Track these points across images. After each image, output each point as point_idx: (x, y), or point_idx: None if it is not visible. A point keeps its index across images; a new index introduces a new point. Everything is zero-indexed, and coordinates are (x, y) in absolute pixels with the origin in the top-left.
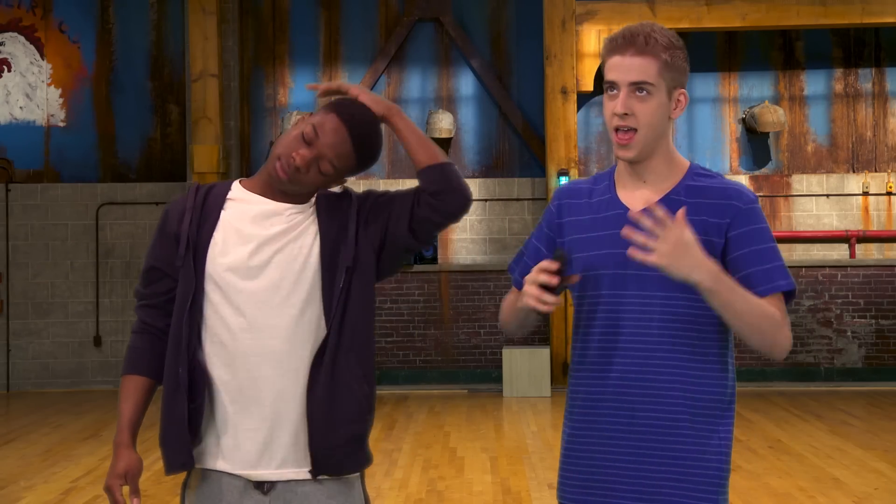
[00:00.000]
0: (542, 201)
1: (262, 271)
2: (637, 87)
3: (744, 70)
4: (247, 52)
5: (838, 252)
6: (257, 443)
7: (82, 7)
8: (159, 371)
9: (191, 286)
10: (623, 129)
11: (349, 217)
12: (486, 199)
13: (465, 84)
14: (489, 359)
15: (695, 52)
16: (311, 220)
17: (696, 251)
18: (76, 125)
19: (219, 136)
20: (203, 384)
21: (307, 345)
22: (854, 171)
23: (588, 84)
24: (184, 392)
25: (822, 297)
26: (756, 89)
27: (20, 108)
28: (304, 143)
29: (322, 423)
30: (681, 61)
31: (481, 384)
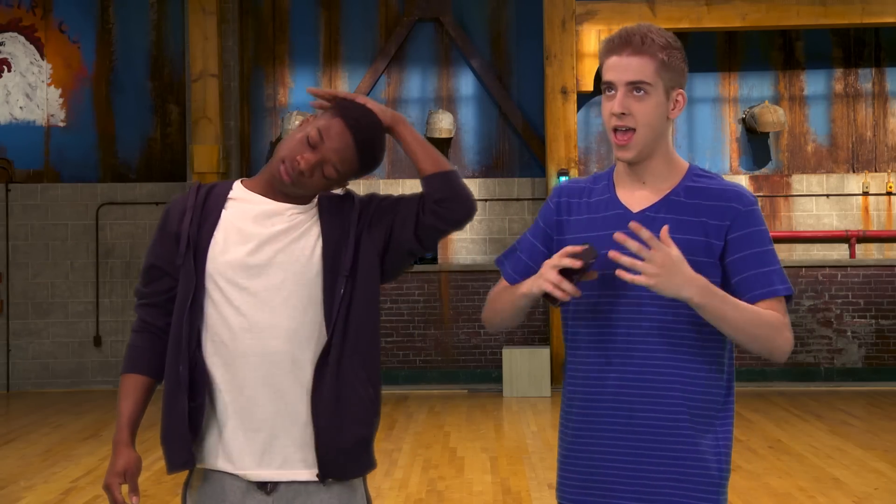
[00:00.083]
0: (541, 201)
1: (264, 271)
2: (634, 86)
3: (744, 70)
4: (247, 52)
5: (838, 252)
6: (258, 443)
7: (82, 7)
8: (159, 370)
9: (191, 285)
10: (621, 129)
11: (351, 220)
12: (486, 199)
13: (465, 84)
14: (489, 359)
15: (695, 52)
16: (314, 221)
17: (683, 268)
18: (76, 125)
19: (219, 136)
20: (204, 383)
21: (310, 345)
22: (854, 171)
23: (588, 84)
24: (184, 391)
25: (822, 297)
26: (756, 89)
27: (20, 108)
28: (308, 146)
29: (328, 425)
30: (678, 61)
31: (481, 384)
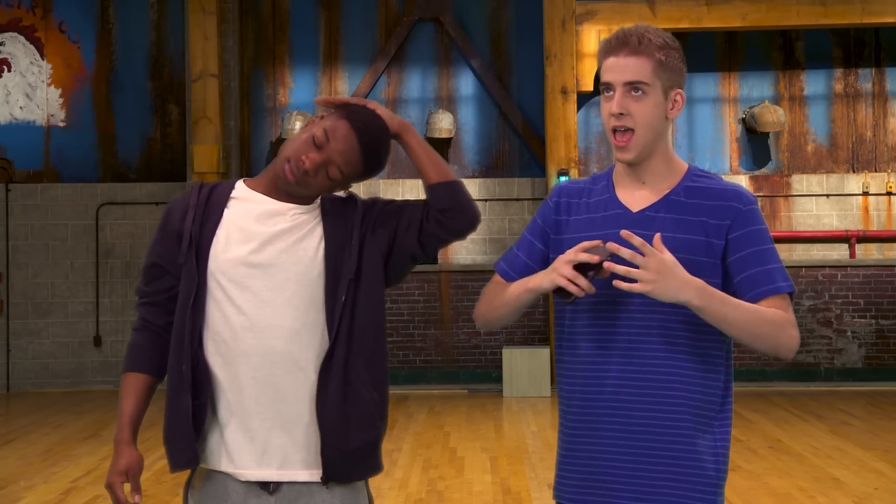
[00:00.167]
0: (541, 201)
1: (267, 270)
2: (632, 86)
3: (744, 70)
4: (247, 52)
5: (838, 252)
6: (258, 443)
7: (82, 7)
8: (160, 369)
9: (193, 283)
10: (620, 129)
11: (354, 223)
12: (486, 199)
13: (465, 84)
14: (489, 359)
15: (695, 52)
16: (317, 222)
17: (679, 272)
18: (76, 125)
19: (219, 136)
20: (207, 381)
21: (312, 346)
22: (854, 171)
23: (588, 84)
24: (188, 389)
25: (822, 297)
26: (756, 89)
27: (20, 108)
28: (314, 146)
29: (334, 429)
30: (676, 61)
31: (481, 384)
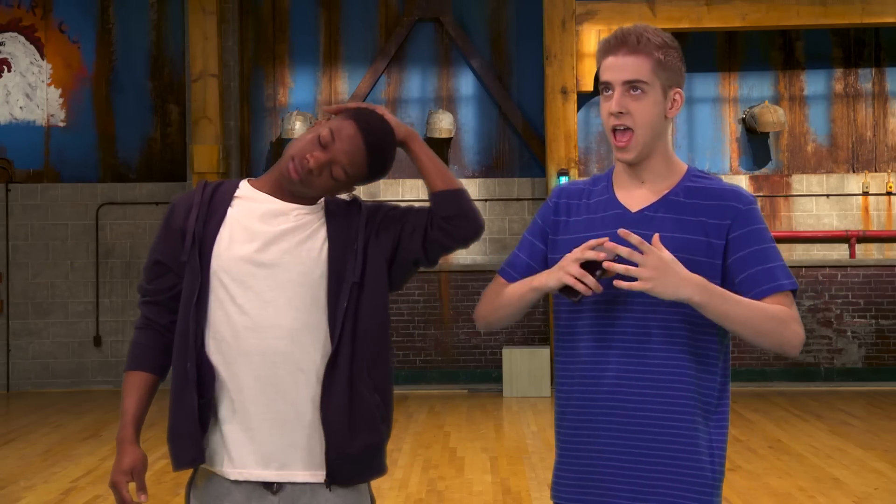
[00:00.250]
0: (541, 201)
1: (270, 270)
2: (631, 85)
3: (744, 70)
4: (247, 52)
5: (838, 252)
6: (259, 442)
7: (82, 7)
8: (163, 367)
9: (196, 282)
10: (619, 128)
11: (359, 227)
12: (486, 199)
13: (465, 84)
14: (489, 359)
15: (695, 52)
16: (321, 224)
17: (678, 269)
18: (76, 125)
19: (219, 136)
20: (211, 380)
21: (314, 348)
22: (854, 171)
23: (588, 84)
24: (193, 387)
25: (822, 297)
26: (756, 89)
27: (20, 108)
28: (319, 146)
29: (338, 432)
30: (675, 61)
31: (481, 384)
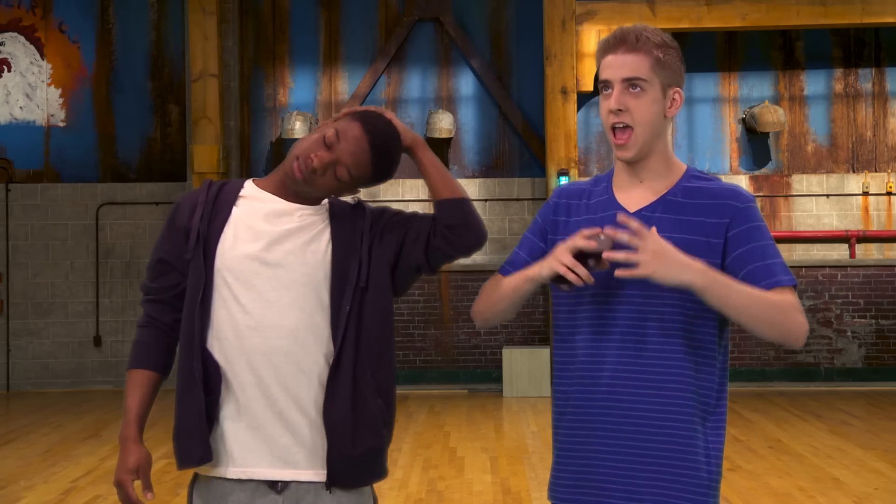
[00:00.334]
0: (541, 201)
1: (274, 270)
2: (630, 83)
3: (744, 70)
4: (247, 52)
5: (838, 252)
6: (261, 441)
7: (82, 7)
8: (166, 366)
9: (201, 280)
10: (619, 125)
11: (363, 229)
12: (486, 199)
13: (465, 84)
14: (489, 359)
15: (695, 52)
16: (325, 225)
17: (678, 255)
18: (76, 125)
19: (219, 136)
20: (217, 378)
21: (317, 348)
22: (854, 171)
23: (588, 84)
24: (199, 385)
25: (822, 297)
26: (756, 89)
27: (20, 108)
28: (324, 145)
29: (340, 435)
30: (674, 60)
31: (481, 384)
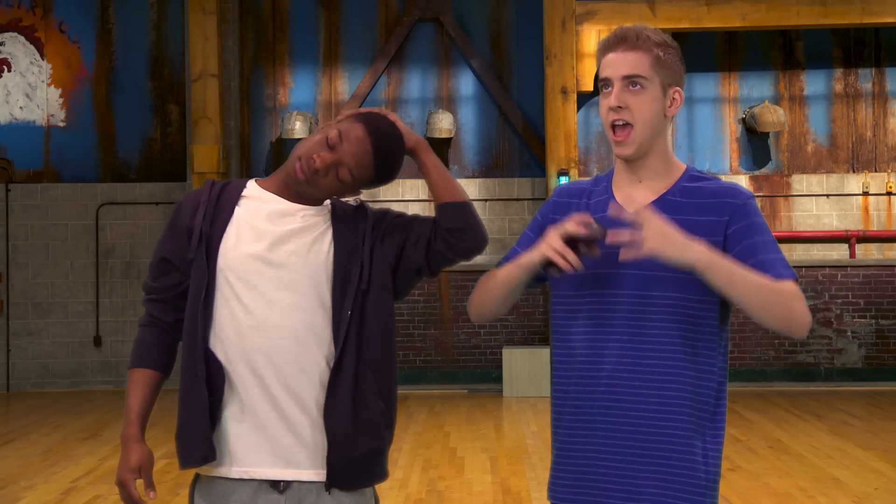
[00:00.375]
0: (541, 201)
1: (276, 271)
2: (630, 80)
3: (744, 70)
4: (247, 52)
5: (838, 252)
6: (263, 441)
7: (82, 7)
8: (167, 365)
9: (204, 280)
10: (619, 123)
11: (365, 231)
12: (486, 199)
13: (465, 84)
14: (489, 359)
15: (695, 52)
16: (327, 226)
17: (679, 234)
18: (76, 125)
19: (219, 136)
20: (221, 378)
21: (318, 349)
22: (854, 171)
23: (588, 84)
24: (203, 384)
25: (822, 297)
26: (756, 89)
27: (20, 108)
28: (326, 146)
29: (341, 436)
30: (674, 59)
31: (481, 384)
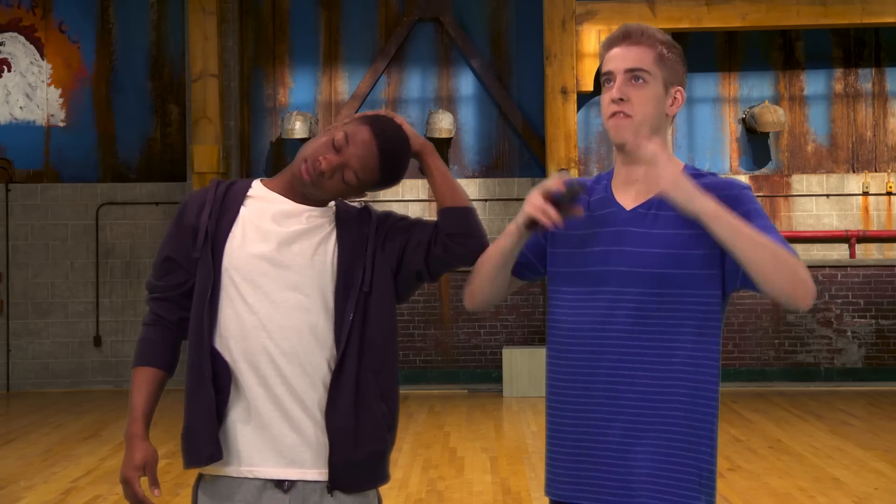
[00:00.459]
0: None
1: (281, 272)
2: (633, 74)
3: (744, 70)
4: (247, 52)
5: (838, 252)
6: (266, 440)
7: (82, 7)
8: (171, 364)
9: (209, 279)
10: (619, 115)
11: (368, 233)
12: (486, 199)
13: (465, 84)
14: (489, 359)
15: (695, 52)
16: (332, 228)
17: (691, 183)
18: (76, 125)
19: (219, 136)
20: (227, 378)
21: (321, 350)
22: (854, 171)
23: (588, 84)
24: (209, 384)
25: (822, 297)
26: (756, 89)
27: (20, 108)
28: (332, 148)
29: (343, 439)
30: (676, 58)
31: (481, 384)
